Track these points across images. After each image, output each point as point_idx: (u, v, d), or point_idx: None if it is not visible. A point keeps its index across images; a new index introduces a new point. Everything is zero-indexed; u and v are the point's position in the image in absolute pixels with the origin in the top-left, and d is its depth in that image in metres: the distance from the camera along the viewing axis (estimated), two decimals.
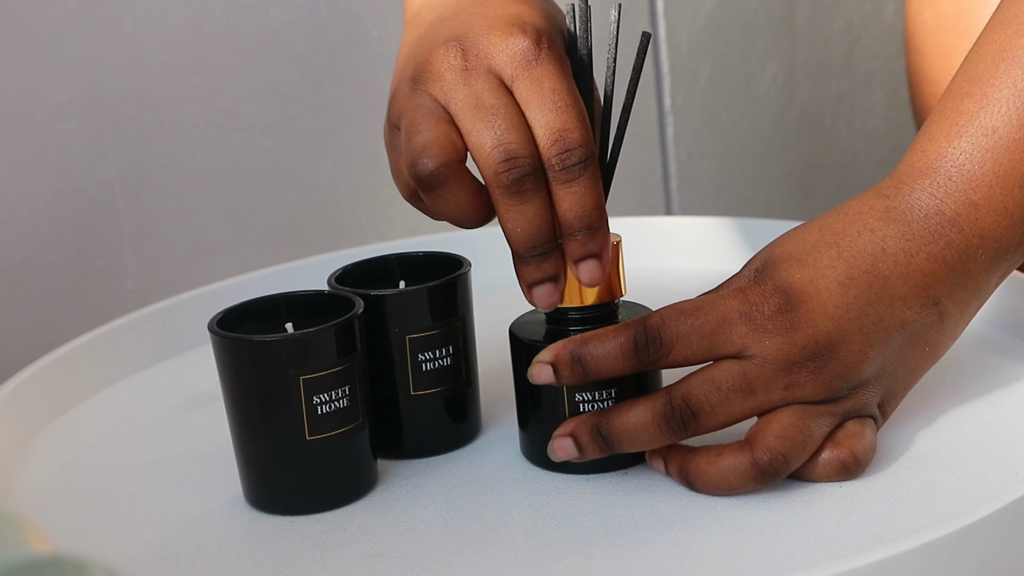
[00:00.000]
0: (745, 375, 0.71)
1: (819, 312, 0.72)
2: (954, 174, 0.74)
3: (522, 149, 0.71)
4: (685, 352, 0.72)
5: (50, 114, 1.16)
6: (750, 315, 0.72)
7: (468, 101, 0.73)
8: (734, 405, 0.72)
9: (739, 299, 0.72)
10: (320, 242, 1.30)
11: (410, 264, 0.83)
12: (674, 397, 0.72)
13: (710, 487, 0.72)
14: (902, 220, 0.74)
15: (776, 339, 0.71)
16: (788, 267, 0.73)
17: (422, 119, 0.73)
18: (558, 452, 0.74)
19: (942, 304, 0.74)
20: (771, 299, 0.72)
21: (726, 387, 0.72)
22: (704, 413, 0.72)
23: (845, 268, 0.73)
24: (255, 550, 0.73)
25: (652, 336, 0.72)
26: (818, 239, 0.74)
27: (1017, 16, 0.75)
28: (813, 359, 0.72)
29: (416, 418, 0.80)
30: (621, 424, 0.73)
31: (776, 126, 1.60)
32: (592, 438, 0.73)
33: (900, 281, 0.73)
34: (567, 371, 0.73)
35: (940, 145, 0.74)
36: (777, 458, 0.71)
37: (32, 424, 0.87)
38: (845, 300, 0.72)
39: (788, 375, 0.71)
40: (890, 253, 0.73)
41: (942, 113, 0.75)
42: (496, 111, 0.72)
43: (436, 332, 0.79)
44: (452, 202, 0.73)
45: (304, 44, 1.27)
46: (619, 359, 0.73)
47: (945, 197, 0.74)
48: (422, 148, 0.72)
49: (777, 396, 0.72)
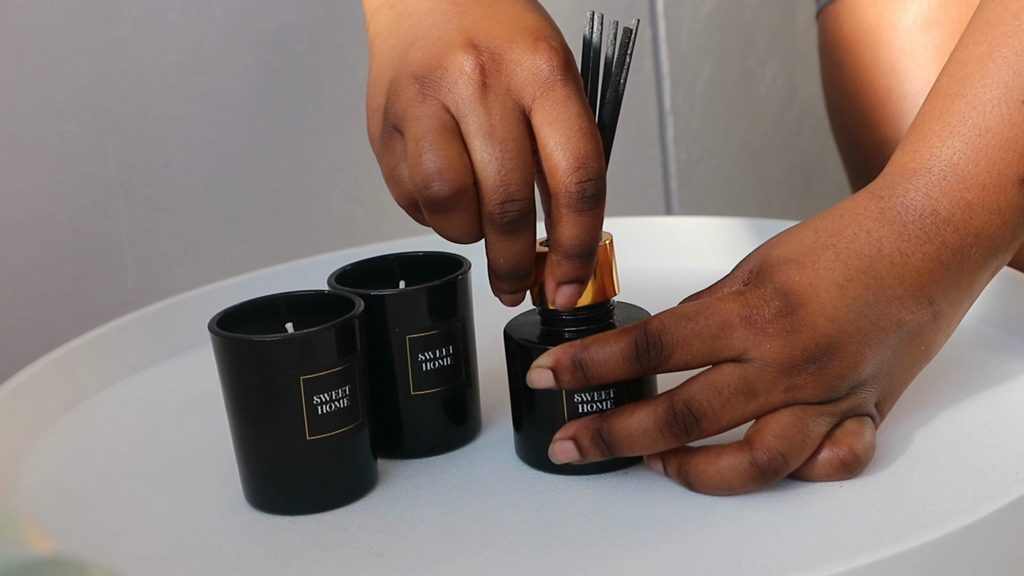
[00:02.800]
0: (746, 379, 0.71)
1: (819, 314, 0.72)
2: (948, 173, 0.74)
3: (521, 191, 0.71)
4: (686, 357, 0.72)
5: (50, 114, 1.16)
6: (750, 318, 0.72)
7: (482, 126, 0.71)
8: (736, 409, 0.72)
9: (739, 303, 0.72)
10: (320, 242, 1.30)
11: (410, 264, 0.83)
12: (676, 402, 0.72)
13: (709, 487, 0.72)
14: (897, 221, 0.74)
15: (777, 342, 0.71)
16: (787, 269, 0.73)
17: (434, 133, 0.71)
18: (559, 455, 0.74)
19: (937, 303, 0.74)
20: (772, 302, 0.72)
21: (728, 391, 0.71)
22: (707, 418, 0.72)
23: (843, 269, 0.73)
24: (255, 550, 0.73)
25: (653, 341, 0.72)
26: (815, 241, 0.74)
27: (1003, 17, 0.75)
28: (813, 361, 0.72)
29: (416, 418, 0.80)
30: (623, 429, 0.73)
31: (776, 126, 1.60)
32: (593, 442, 0.73)
33: (897, 281, 0.73)
34: (568, 376, 0.73)
35: (933, 145, 0.75)
36: (776, 458, 0.71)
37: (32, 424, 0.87)
38: (844, 302, 0.72)
39: (789, 377, 0.72)
40: (886, 254, 0.73)
41: (932, 114, 0.76)
42: (506, 144, 0.71)
43: (436, 332, 0.79)
44: (456, 225, 0.73)
45: (304, 44, 1.27)
46: (620, 364, 0.73)
47: (940, 197, 0.74)
48: (437, 171, 0.71)
49: (778, 398, 0.72)
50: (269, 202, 1.28)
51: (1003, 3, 0.75)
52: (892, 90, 1.08)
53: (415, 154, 0.71)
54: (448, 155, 0.71)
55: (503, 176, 0.71)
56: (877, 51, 1.08)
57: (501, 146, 0.71)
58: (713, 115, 1.55)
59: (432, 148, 0.71)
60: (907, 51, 1.07)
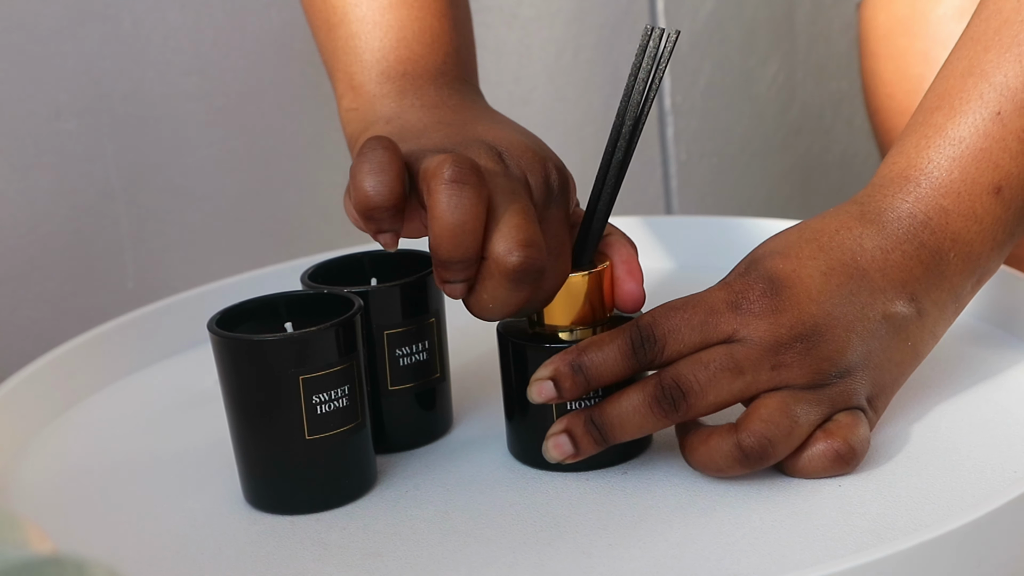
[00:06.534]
0: (733, 355, 0.73)
1: (803, 296, 0.74)
2: (923, 181, 0.77)
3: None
4: (678, 346, 0.73)
5: (50, 114, 1.16)
6: (736, 303, 0.74)
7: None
8: (722, 385, 0.73)
9: (725, 290, 0.74)
10: (320, 242, 1.30)
11: (380, 262, 0.84)
12: (664, 378, 0.73)
13: (699, 465, 0.74)
14: (877, 222, 0.76)
15: (763, 321, 0.73)
16: (770, 259, 0.75)
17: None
18: (553, 451, 0.75)
19: (919, 300, 0.76)
20: (756, 285, 0.74)
21: (714, 366, 0.73)
22: (693, 392, 0.72)
23: (826, 260, 0.75)
24: (255, 549, 0.73)
25: (646, 334, 0.73)
26: (799, 237, 0.76)
27: (985, 33, 0.77)
28: (800, 340, 0.73)
29: (391, 413, 0.81)
30: (613, 410, 0.73)
31: (776, 126, 1.60)
32: (586, 430, 0.74)
33: (879, 274, 0.75)
34: (568, 383, 0.74)
35: (911, 155, 0.77)
36: (762, 441, 0.72)
37: (32, 424, 0.87)
38: (828, 287, 0.74)
39: (775, 355, 0.73)
40: (867, 249, 0.75)
41: (913, 127, 0.78)
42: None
43: (412, 328, 0.80)
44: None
45: (304, 44, 1.27)
46: (619, 361, 0.73)
47: (916, 202, 0.76)
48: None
49: (764, 377, 0.73)
50: (269, 202, 1.28)
51: (986, 19, 0.78)
52: (924, 78, 1.10)
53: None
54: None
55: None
56: (910, 40, 1.10)
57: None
58: (713, 115, 1.55)
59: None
60: (940, 40, 1.10)
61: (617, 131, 0.76)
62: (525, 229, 0.72)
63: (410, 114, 0.83)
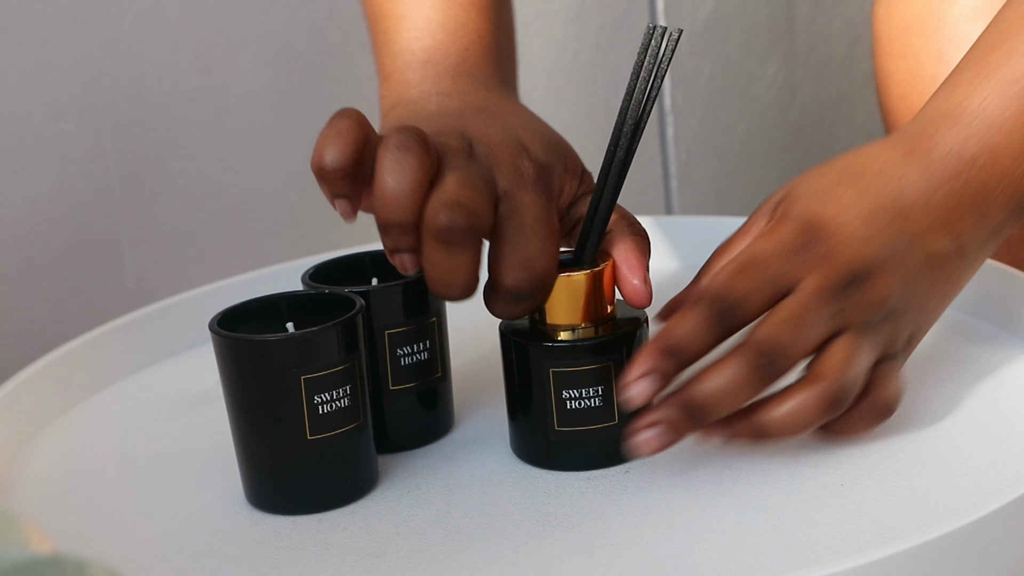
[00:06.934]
0: (806, 307, 0.73)
1: (851, 241, 0.74)
2: (976, 117, 0.76)
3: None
4: (754, 307, 0.73)
5: (50, 114, 1.16)
6: (788, 251, 0.74)
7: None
8: (807, 338, 0.72)
9: (774, 241, 0.74)
10: (321, 242, 1.30)
11: (382, 262, 0.84)
12: (759, 344, 0.72)
13: (784, 430, 0.72)
14: (922, 160, 0.76)
15: (819, 269, 0.73)
16: (810, 203, 0.75)
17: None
18: (644, 447, 0.72)
19: (961, 239, 0.76)
20: (804, 234, 0.74)
21: (796, 322, 0.72)
22: (787, 353, 0.72)
23: (867, 204, 0.75)
24: (256, 550, 0.73)
25: (726, 304, 0.73)
26: (839, 179, 0.76)
27: None
28: (854, 281, 0.73)
29: (393, 412, 0.81)
30: (708, 388, 0.72)
31: (776, 126, 1.60)
32: (685, 413, 0.72)
33: (922, 215, 0.75)
34: (663, 364, 0.72)
35: (963, 91, 0.77)
36: (844, 386, 0.72)
37: (32, 424, 0.87)
38: (871, 232, 0.74)
39: (834, 302, 0.73)
40: (909, 191, 0.76)
41: (967, 64, 0.78)
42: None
43: (413, 327, 0.80)
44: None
45: (304, 44, 1.27)
46: (709, 332, 0.73)
47: (967, 139, 0.76)
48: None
49: (828, 325, 0.73)
50: (269, 202, 1.28)
51: None
52: (938, 78, 1.10)
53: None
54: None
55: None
56: (924, 40, 1.11)
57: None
58: (713, 115, 1.55)
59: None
60: (953, 41, 1.10)
61: (619, 130, 0.76)
62: (455, 192, 0.72)
63: (425, 101, 0.86)
